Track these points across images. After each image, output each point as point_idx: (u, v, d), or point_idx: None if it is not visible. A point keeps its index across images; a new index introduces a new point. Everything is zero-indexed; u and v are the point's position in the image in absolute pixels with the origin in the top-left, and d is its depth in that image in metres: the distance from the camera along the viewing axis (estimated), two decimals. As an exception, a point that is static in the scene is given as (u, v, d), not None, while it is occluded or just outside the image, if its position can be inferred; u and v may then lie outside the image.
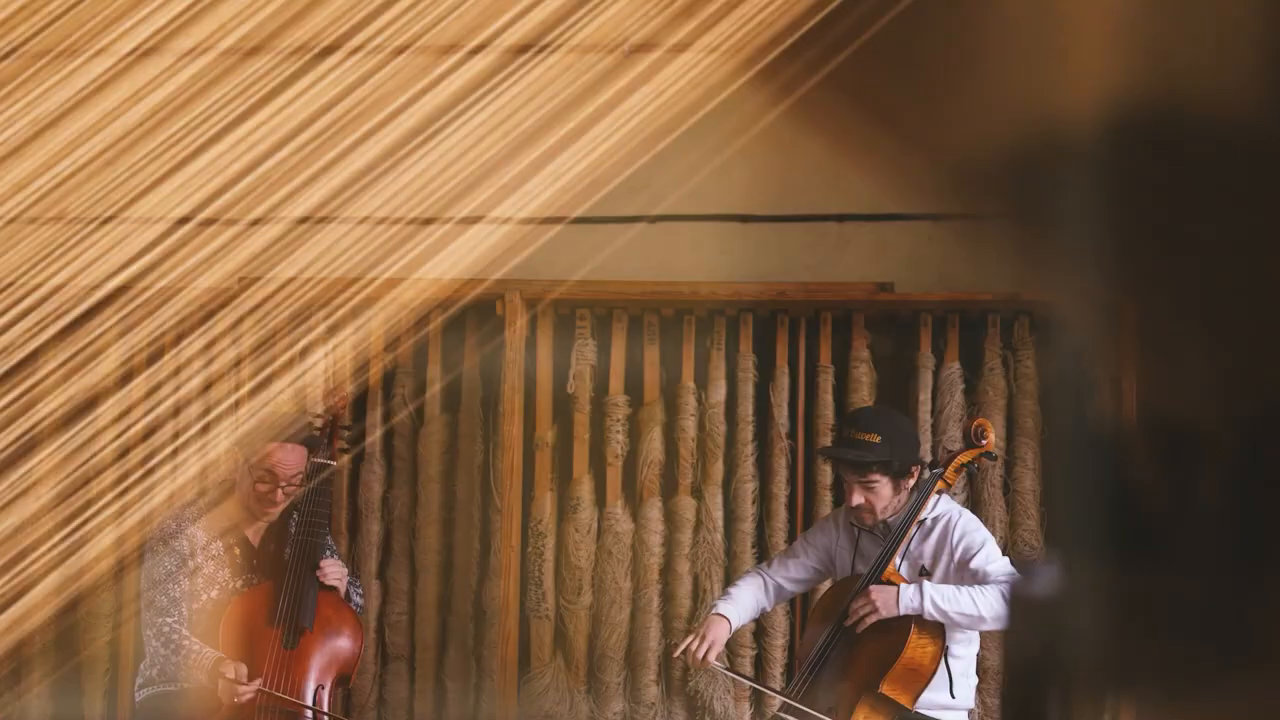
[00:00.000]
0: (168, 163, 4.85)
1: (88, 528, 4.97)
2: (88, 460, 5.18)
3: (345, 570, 4.57)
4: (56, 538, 4.98)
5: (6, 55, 4.72)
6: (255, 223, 4.90)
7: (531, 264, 5.18)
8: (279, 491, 4.46)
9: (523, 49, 4.84)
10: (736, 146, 5.16)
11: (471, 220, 5.08)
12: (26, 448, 5.12)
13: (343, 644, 4.43)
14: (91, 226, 4.88)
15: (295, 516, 4.53)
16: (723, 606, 4.49)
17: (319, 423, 4.65)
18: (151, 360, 5.33)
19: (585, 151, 4.87)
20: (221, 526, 4.52)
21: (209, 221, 4.93)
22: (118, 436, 5.21)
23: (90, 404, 5.21)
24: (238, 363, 5.21)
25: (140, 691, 4.50)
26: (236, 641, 4.33)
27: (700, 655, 4.37)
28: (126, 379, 5.25)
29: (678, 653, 4.44)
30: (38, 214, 4.97)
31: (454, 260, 5.10)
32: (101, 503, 5.09)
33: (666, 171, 5.22)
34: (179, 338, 5.26)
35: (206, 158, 4.83)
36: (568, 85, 4.92)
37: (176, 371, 5.25)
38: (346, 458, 5.17)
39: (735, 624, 4.48)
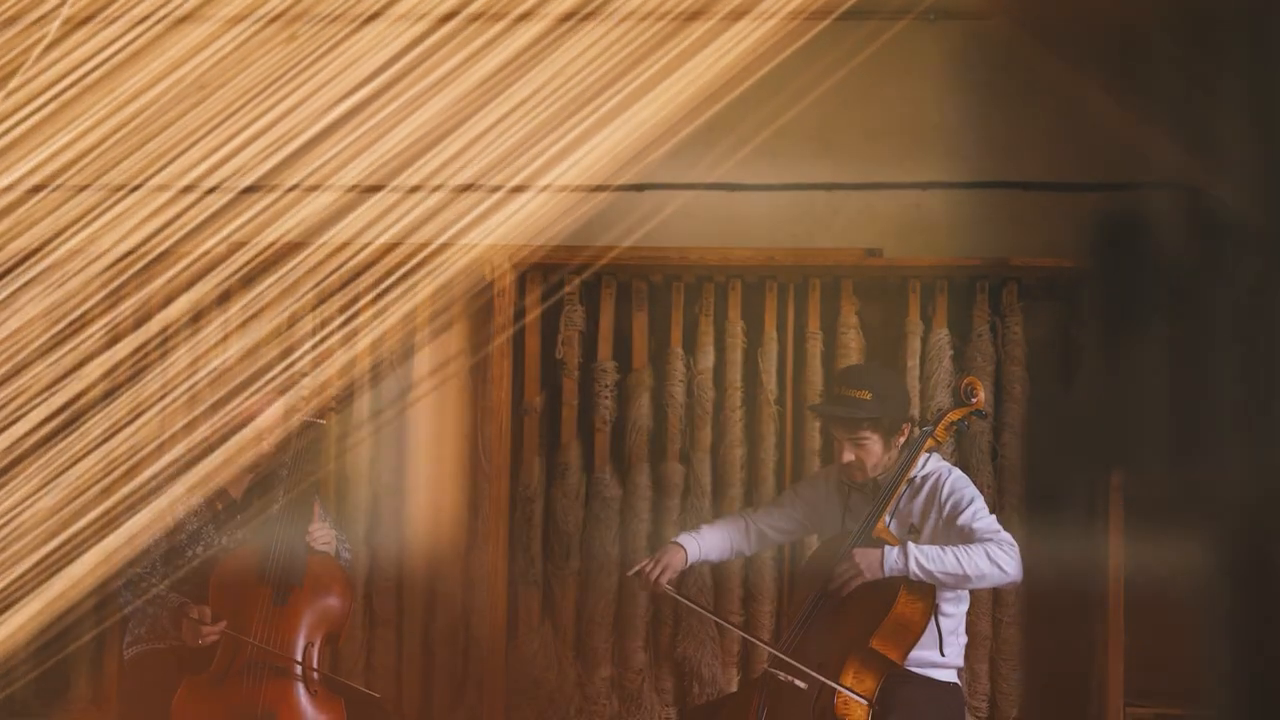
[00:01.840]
0: (207, 130, 4.86)
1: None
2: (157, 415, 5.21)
3: (334, 533, 4.56)
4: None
5: (43, 18, 4.72)
6: (292, 190, 4.91)
7: (520, 230, 5.17)
8: (262, 444, 4.47)
9: (567, 17, 4.85)
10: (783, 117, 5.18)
11: (461, 189, 5.09)
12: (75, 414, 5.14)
13: (332, 602, 4.41)
14: (126, 193, 4.88)
15: (284, 474, 4.52)
16: (683, 537, 4.52)
17: (307, 382, 4.64)
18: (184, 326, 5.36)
19: (622, 126, 4.88)
20: (202, 482, 4.50)
21: (253, 188, 4.94)
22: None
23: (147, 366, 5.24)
24: (288, 324, 5.25)
25: (129, 649, 4.49)
26: (227, 598, 4.31)
27: (653, 578, 4.39)
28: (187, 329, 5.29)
29: (631, 573, 4.48)
30: (66, 182, 4.97)
31: (442, 228, 5.11)
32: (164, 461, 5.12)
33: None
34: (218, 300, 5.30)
35: (246, 126, 4.83)
36: (580, 64, 4.93)
37: (245, 320, 5.29)
38: (335, 417, 5.15)
39: (693, 556, 4.49)
